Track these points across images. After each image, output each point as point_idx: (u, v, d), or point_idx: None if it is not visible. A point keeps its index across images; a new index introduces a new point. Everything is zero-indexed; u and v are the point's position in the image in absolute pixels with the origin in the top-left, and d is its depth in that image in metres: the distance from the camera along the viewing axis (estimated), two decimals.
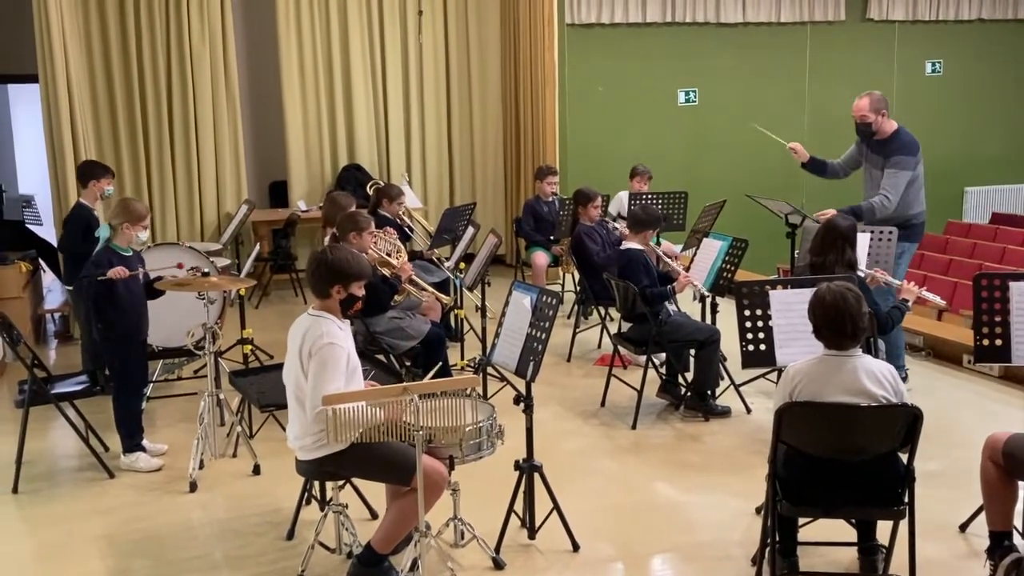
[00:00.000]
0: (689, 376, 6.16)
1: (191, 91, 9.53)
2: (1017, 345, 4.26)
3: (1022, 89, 12.98)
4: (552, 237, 8.54)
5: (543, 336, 4.20)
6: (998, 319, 4.28)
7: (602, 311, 7.47)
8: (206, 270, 5.52)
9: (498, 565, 4.17)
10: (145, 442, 5.44)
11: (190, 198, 9.74)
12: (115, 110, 9.38)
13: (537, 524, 4.41)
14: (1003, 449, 3.83)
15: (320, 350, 3.73)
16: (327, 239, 6.44)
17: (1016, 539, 3.96)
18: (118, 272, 5.08)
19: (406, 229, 7.58)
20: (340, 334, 3.84)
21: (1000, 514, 3.91)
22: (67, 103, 7.54)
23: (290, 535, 4.50)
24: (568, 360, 7.32)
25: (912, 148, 6.26)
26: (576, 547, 4.33)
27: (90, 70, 9.19)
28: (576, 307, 7.85)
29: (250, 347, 6.33)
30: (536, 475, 4.34)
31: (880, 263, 5.78)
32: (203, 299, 5.41)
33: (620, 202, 8.57)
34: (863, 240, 5.68)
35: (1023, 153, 13.17)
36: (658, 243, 6.99)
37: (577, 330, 7.53)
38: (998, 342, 4.28)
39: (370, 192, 8.93)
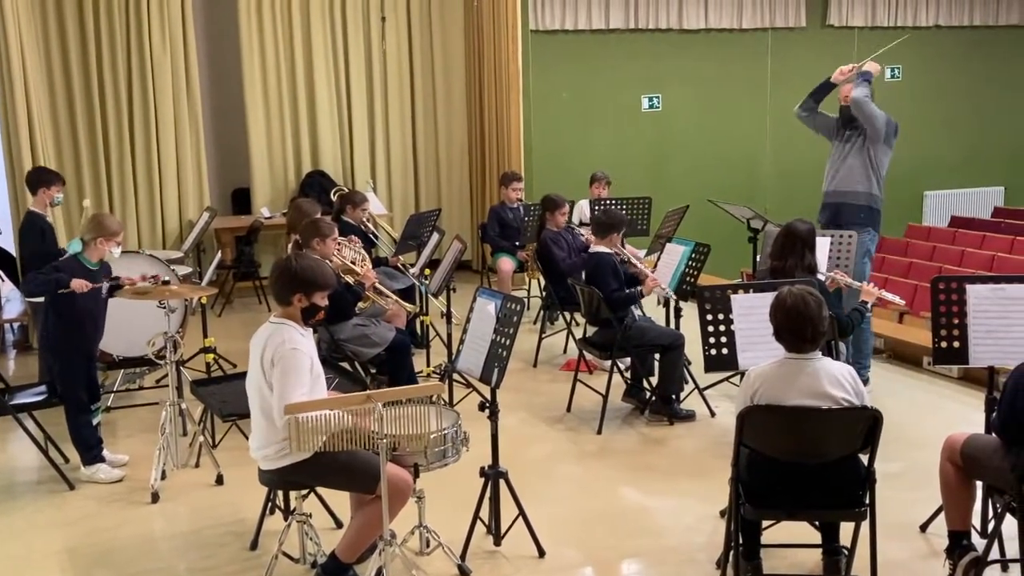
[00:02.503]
0: (654, 380, 6.18)
1: (152, 97, 9.44)
2: (974, 347, 4.32)
3: (979, 94, 13.20)
4: (518, 243, 8.55)
5: (507, 342, 4.20)
6: (956, 321, 4.33)
7: (568, 316, 7.49)
8: (166, 278, 5.46)
9: (463, 572, 4.16)
10: (105, 453, 5.37)
11: (151, 206, 9.64)
12: (74, 117, 9.27)
13: (503, 531, 4.40)
14: (961, 450, 3.88)
15: (283, 357, 3.70)
16: (291, 246, 6.40)
17: (975, 538, 4.02)
18: (79, 285, 4.98)
19: (370, 235, 7.55)
20: (302, 340, 3.82)
21: (959, 514, 3.96)
22: (25, 109, 7.44)
23: (254, 546, 4.45)
24: (534, 366, 7.32)
25: (893, 128, 6.33)
26: (542, 553, 4.33)
27: (48, 76, 9.07)
28: (542, 312, 7.86)
29: (213, 356, 6.27)
30: (502, 481, 4.33)
31: (841, 266, 5.84)
32: (164, 308, 5.35)
33: (581, 210, 8.59)
34: (823, 243, 5.74)
35: (981, 157, 13.40)
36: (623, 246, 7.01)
37: (543, 336, 7.54)
38: (956, 344, 4.34)
39: (334, 198, 8.90)
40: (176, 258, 8.14)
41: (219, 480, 5.21)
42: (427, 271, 6.96)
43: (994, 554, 3.89)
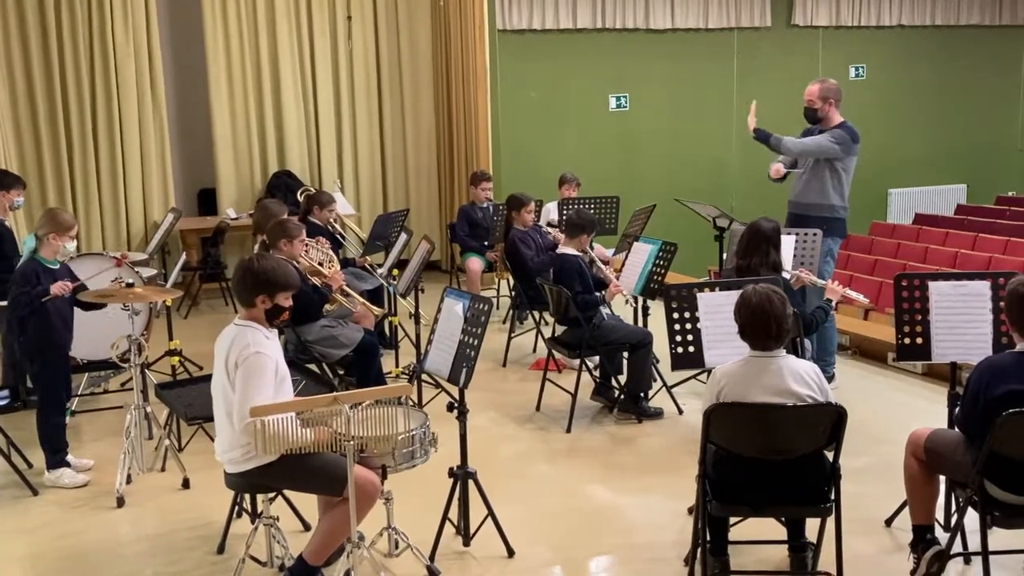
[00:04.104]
0: (622, 379, 6.21)
1: (116, 97, 9.34)
2: (937, 343, 4.37)
3: (943, 93, 13.36)
4: (486, 243, 8.54)
5: (475, 343, 4.19)
6: (919, 318, 4.39)
7: (537, 316, 7.50)
8: (130, 281, 5.40)
9: (432, 573, 4.15)
10: (70, 458, 5.31)
11: (115, 207, 9.54)
12: (36, 117, 9.15)
13: (472, 531, 4.40)
14: (925, 445, 3.93)
15: (246, 360, 3.68)
16: (257, 247, 6.36)
17: (938, 532, 4.07)
18: (60, 288, 4.97)
19: (338, 236, 7.52)
20: (267, 343, 3.79)
21: (923, 508, 4.01)
22: None
23: (221, 549, 4.42)
24: (504, 365, 7.33)
25: (851, 136, 6.36)
26: (511, 553, 4.34)
27: (9, 76, 8.96)
28: (511, 312, 7.86)
29: (178, 359, 6.21)
30: (471, 482, 4.33)
31: (806, 264, 5.89)
32: (128, 310, 5.30)
33: (548, 213, 8.60)
34: (789, 242, 5.79)
35: (944, 155, 13.56)
36: (591, 247, 7.03)
37: (512, 335, 7.55)
38: (919, 340, 4.39)
39: (301, 199, 8.85)
40: (141, 260, 8.04)
41: (185, 484, 5.17)
42: (395, 272, 6.94)
43: (957, 547, 3.94)
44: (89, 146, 9.35)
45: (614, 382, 6.23)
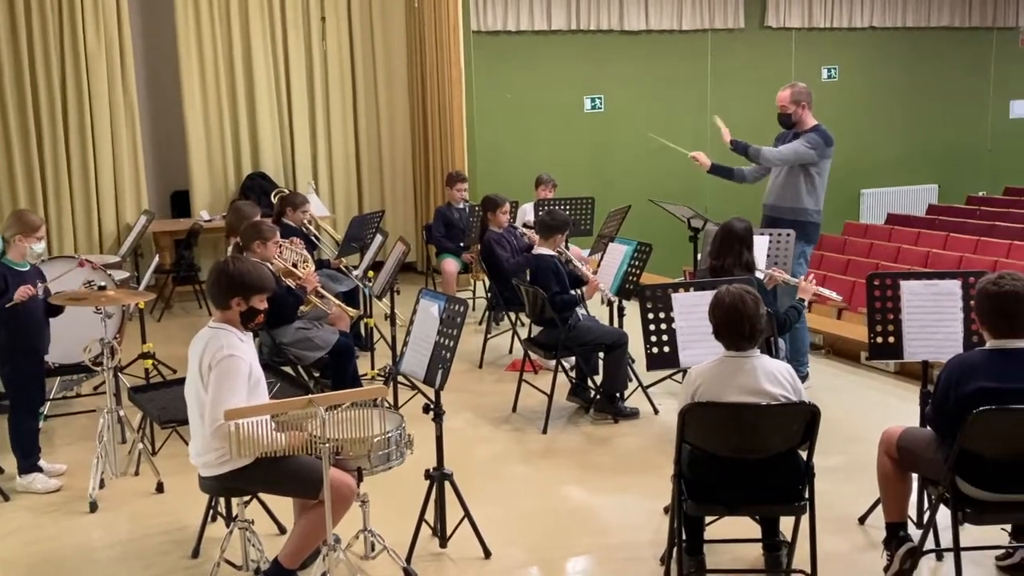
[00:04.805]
0: (598, 379, 6.22)
1: (87, 98, 9.25)
2: (909, 342, 4.41)
3: (914, 94, 13.49)
4: (462, 244, 8.54)
5: (451, 344, 4.19)
6: (891, 317, 4.43)
7: (513, 317, 7.51)
8: (103, 283, 5.35)
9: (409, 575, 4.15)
10: (42, 462, 5.25)
11: (87, 209, 9.45)
12: (6, 118, 9.05)
13: (449, 532, 4.39)
14: (897, 443, 3.96)
15: (220, 363, 3.65)
16: (231, 249, 6.32)
17: (911, 529, 4.10)
18: (23, 294, 4.91)
19: (312, 238, 7.49)
20: (241, 346, 3.77)
21: (895, 506, 4.04)
22: None
23: (195, 553, 4.39)
24: (480, 367, 7.32)
25: (824, 139, 6.40)
26: (488, 554, 4.33)
27: None
28: (487, 313, 7.86)
29: (151, 362, 6.16)
30: (447, 483, 4.33)
31: (779, 264, 5.93)
32: (100, 313, 5.25)
33: (524, 214, 8.61)
34: (762, 242, 5.83)
35: (916, 156, 13.69)
36: (567, 247, 7.04)
37: (488, 336, 7.54)
38: (891, 339, 4.43)
39: (275, 200, 8.80)
40: (113, 262, 7.97)
41: (159, 488, 5.13)
42: (371, 273, 6.92)
43: (929, 544, 3.98)
44: (60, 148, 9.26)
45: (590, 382, 6.24)
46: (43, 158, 9.25)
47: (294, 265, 6.21)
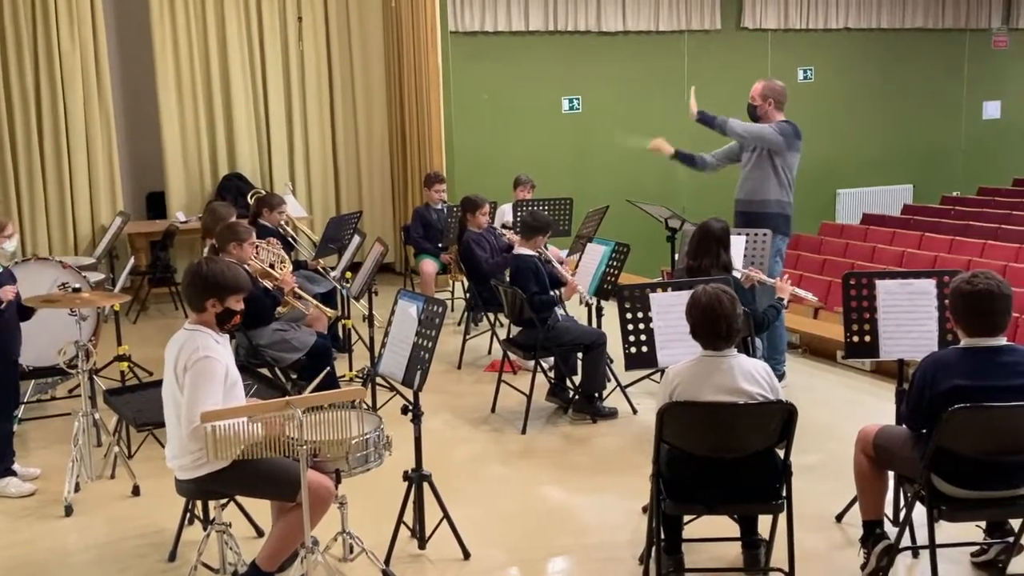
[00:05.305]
0: (577, 379, 6.23)
1: (61, 98, 9.16)
2: (884, 341, 4.44)
3: (888, 94, 13.60)
4: (440, 245, 8.53)
5: (429, 345, 4.18)
6: (866, 316, 4.46)
7: (491, 317, 7.50)
8: (77, 285, 5.30)
9: None
10: (16, 466, 5.19)
11: (62, 210, 9.36)
12: None
13: (427, 534, 4.39)
14: (873, 442, 3.99)
15: (195, 364, 3.63)
16: (207, 250, 6.29)
17: (887, 527, 4.13)
18: (7, 292, 4.85)
19: (289, 239, 7.45)
20: (217, 347, 3.74)
21: (872, 504, 4.07)
22: None
23: (172, 557, 4.36)
24: (459, 367, 7.31)
25: (793, 131, 6.42)
26: (467, 555, 4.33)
27: None
28: (466, 314, 7.85)
29: (127, 364, 6.11)
30: (425, 484, 4.32)
31: (756, 264, 5.96)
32: (75, 315, 5.20)
33: (503, 215, 8.61)
34: (739, 242, 5.85)
35: (891, 156, 13.80)
36: (545, 248, 7.05)
37: (467, 337, 7.53)
38: (867, 338, 4.47)
39: (251, 201, 8.76)
40: (88, 264, 7.91)
41: (135, 491, 5.08)
42: (348, 274, 6.89)
43: (906, 541, 4.01)
44: (34, 148, 9.17)
45: (569, 383, 6.25)
46: (16, 159, 9.15)
47: (271, 266, 6.18)
